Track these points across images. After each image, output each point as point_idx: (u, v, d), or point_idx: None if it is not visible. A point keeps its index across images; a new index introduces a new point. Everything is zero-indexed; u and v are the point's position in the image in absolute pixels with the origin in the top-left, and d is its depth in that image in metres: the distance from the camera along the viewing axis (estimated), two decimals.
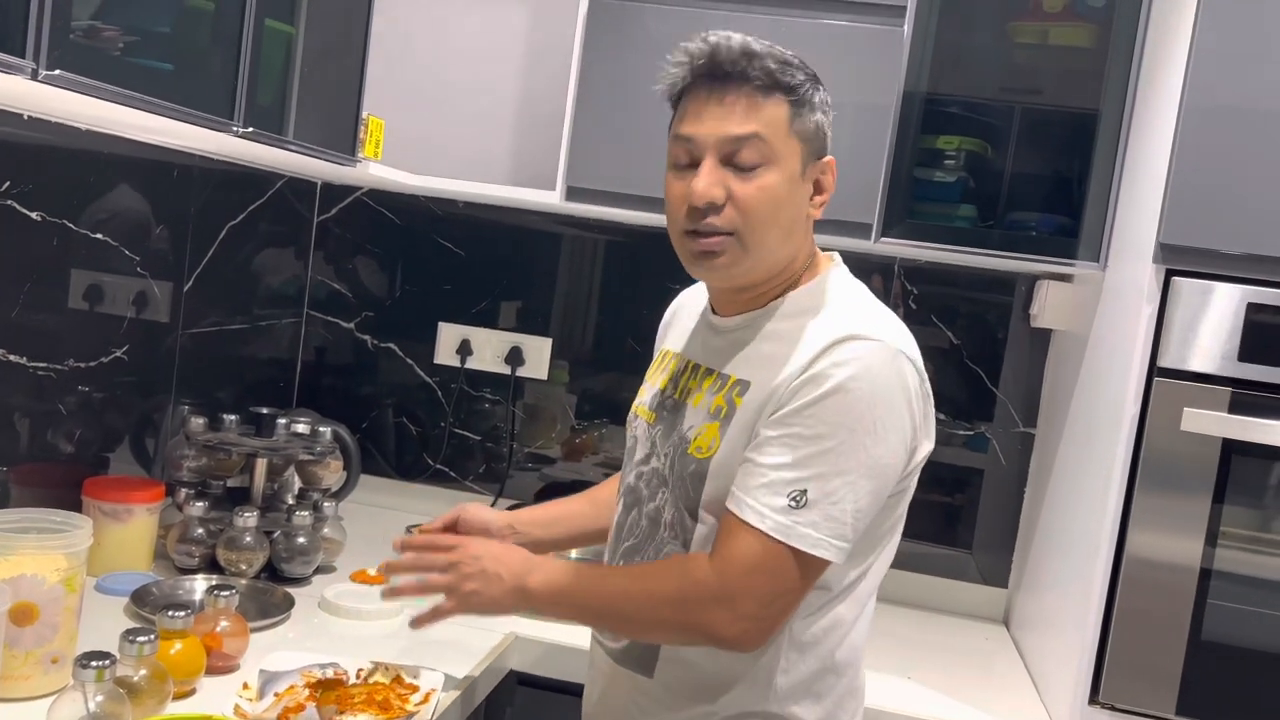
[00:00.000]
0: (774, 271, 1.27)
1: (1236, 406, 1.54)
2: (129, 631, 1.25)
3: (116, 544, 1.74)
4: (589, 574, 1.31)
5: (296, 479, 2.03)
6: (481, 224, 2.43)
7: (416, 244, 2.45)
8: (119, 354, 1.88)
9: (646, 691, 1.30)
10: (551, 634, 1.72)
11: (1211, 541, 1.56)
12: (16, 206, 1.61)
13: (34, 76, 1.16)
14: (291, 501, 1.98)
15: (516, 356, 2.41)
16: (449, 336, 2.44)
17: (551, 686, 1.73)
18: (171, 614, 1.35)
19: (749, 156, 1.20)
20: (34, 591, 1.27)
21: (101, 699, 1.14)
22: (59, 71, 1.19)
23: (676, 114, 1.26)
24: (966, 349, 2.25)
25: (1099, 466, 1.68)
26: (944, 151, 1.98)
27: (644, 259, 2.36)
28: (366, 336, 2.48)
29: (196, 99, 1.46)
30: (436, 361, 2.45)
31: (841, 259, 1.34)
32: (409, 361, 2.47)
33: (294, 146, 1.74)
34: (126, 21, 1.34)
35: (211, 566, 1.80)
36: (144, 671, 1.24)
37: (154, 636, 1.26)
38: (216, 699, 1.36)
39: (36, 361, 1.70)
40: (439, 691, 1.42)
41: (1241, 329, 1.54)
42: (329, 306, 2.49)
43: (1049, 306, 2.11)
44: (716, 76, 1.21)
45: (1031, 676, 1.91)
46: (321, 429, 2.03)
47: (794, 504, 1.15)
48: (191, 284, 2.05)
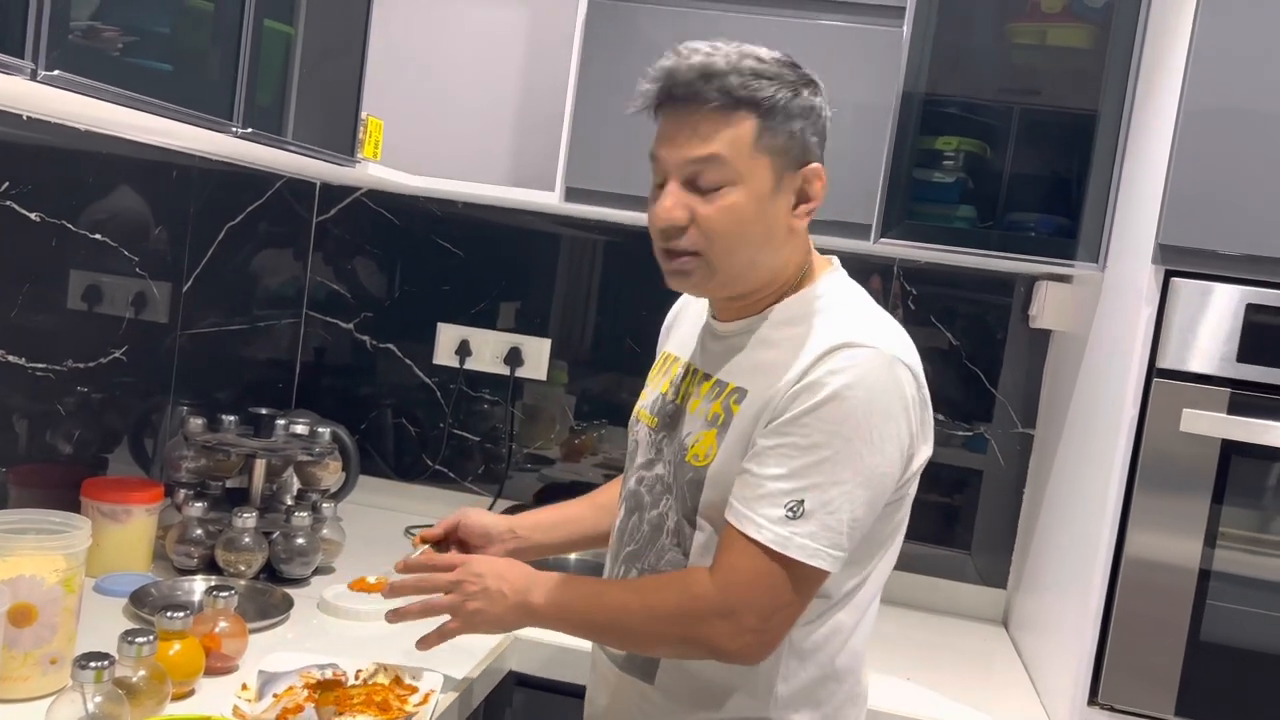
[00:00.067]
0: (760, 283, 1.26)
1: (1235, 407, 1.54)
2: (128, 632, 1.25)
3: (115, 545, 1.74)
4: (591, 589, 1.30)
5: (295, 480, 2.02)
6: (480, 224, 2.42)
7: (415, 245, 2.45)
8: (118, 354, 1.87)
9: (649, 698, 1.30)
10: (550, 636, 1.71)
11: (1210, 542, 1.56)
12: (15, 207, 1.61)
13: (33, 77, 1.16)
14: (290, 502, 1.98)
15: (515, 357, 2.40)
16: (448, 337, 2.44)
17: (550, 688, 1.73)
18: (170, 615, 1.35)
19: (711, 178, 1.19)
20: (33, 592, 1.27)
21: (100, 700, 1.13)
22: (58, 72, 1.19)
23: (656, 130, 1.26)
24: (965, 350, 2.25)
25: (1098, 467, 1.68)
26: (943, 152, 1.98)
27: (643, 260, 2.32)
28: (365, 337, 2.48)
29: (196, 99, 1.46)
30: (435, 362, 2.45)
31: (840, 262, 1.34)
32: (408, 362, 2.46)
33: (293, 147, 1.74)
34: (126, 22, 1.34)
35: (210, 567, 1.80)
36: (143, 672, 1.24)
37: (153, 637, 1.26)
38: (215, 700, 1.35)
39: (35, 362, 1.70)
40: (438, 692, 1.42)
41: (1240, 330, 1.54)
42: (328, 307, 2.49)
43: (1048, 307, 2.11)
44: (675, 98, 1.20)
45: (1030, 677, 1.91)
46: (320, 430, 2.02)
47: (791, 515, 1.14)
48: (190, 284, 2.05)
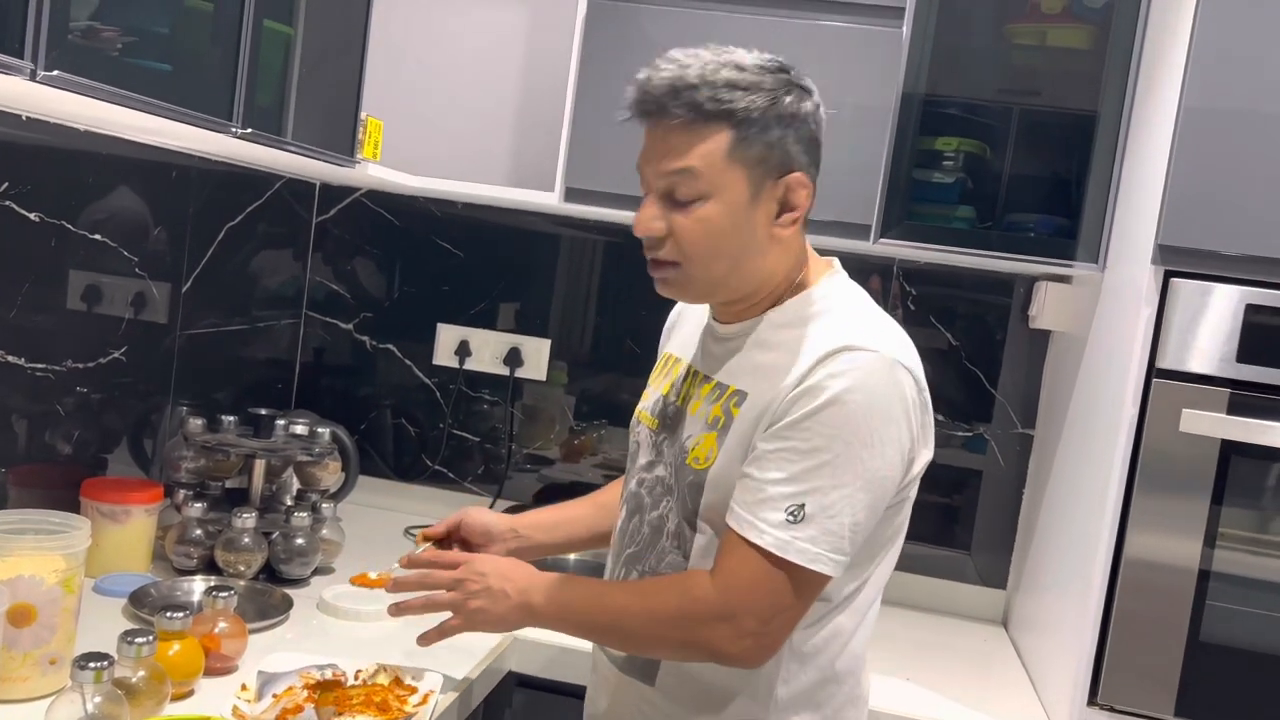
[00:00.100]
0: (747, 290, 1.26)
1: (1235, 408, 1.54)
2: (127, 633, 1.25)
3: (115, 545, 1.74)
4: (592, 590, 1.31)
5: (295, 480, 2.02)
6: (480, 225, 2.42)
7: (415, 245, 2.45)
8: (117, 355, 1.87)
9: (650, 700, 1.30)
10: (551, 636, 1.71)
11: (1210, 543, 1.56)
12: (15, 207, 1.61)
13: (32, 77, 1.16)
14: (290, 503, 1.98)
15: (515, 358, 2.40)
16: (448, 338, 2.44)
17: (550, 688, 1.73)
18: (170, 615, 1.35)
19: (685, 191, 1.20)
20: (32, 593, 1.27)
21: (99, 700, 1.13)
22: (57, 72, 1.19)
23: None
24: (965, 350, 2.25)
25: (1098, 468, 1.68)
26: (942, 153, 1.98)
27: (643, 261, 2.33)
28: (365, 337, 2.48)
29: (195, 100, 1.46)
30: (435, 362, 2.45)
31: (840, 264, 1.33)
32: (408, 362, 2.46)
33: (292, 147, 1.74)
34: (125, 22, 1.34)
35: (210, 568, 1.79)
36: (142, 673, 1.24)
37: (152, 638, 1.26)
38: (215, 700, 1.35)
39: (35, 362, 1.69)
40: (437, 693, 1.42)
41: (1240, 330, 1.54)
42: (327, 307, 2.49)
43: (1048, 308, 2.11)
44: (647, 114, 1.21)
45: (1030, 677, 1.91)
46: (320, 430, 2.02)
47: (791, 519, 1.14)
48: (190, 285, 2.05)
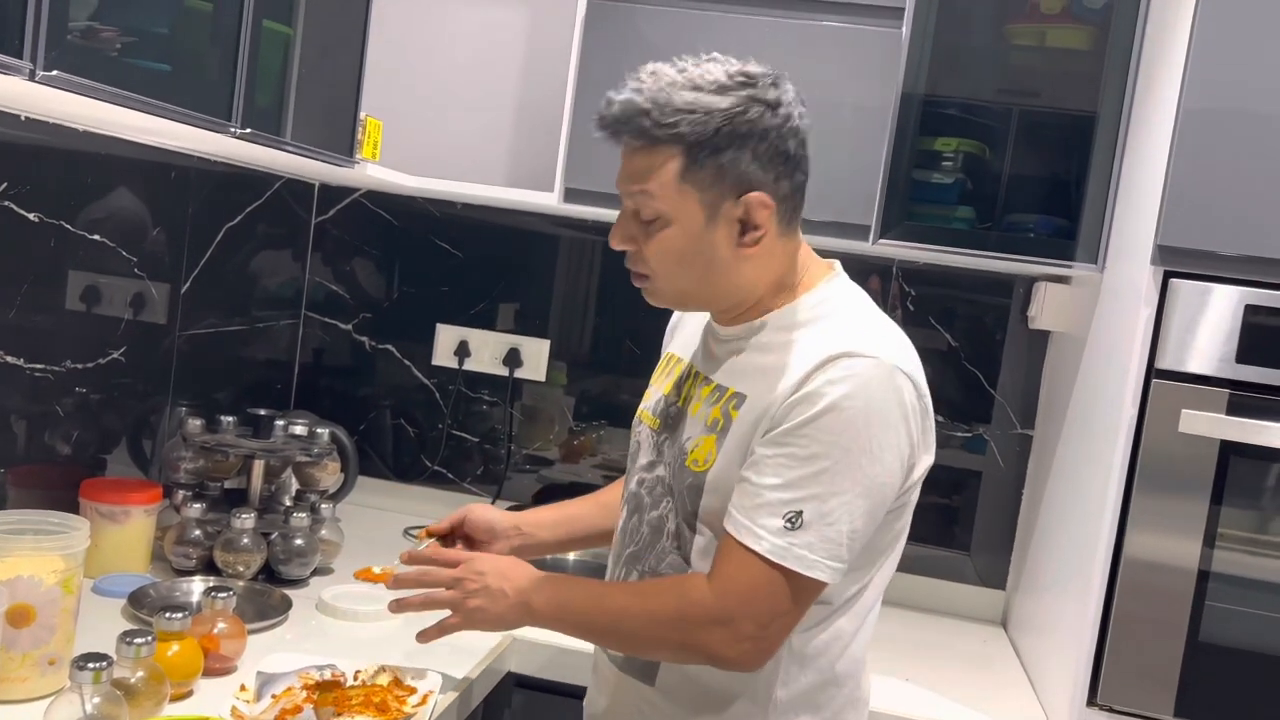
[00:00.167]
0: (729, 302, 1.27)
1: (1234, 408, 1.54)
2: (126, 633, 1.25)
3: (114, 545, 1.74)
4: (592, 591, 1.31)
5: (294, 481, 2.02)
6: (479, 225, 2.42)
7: (414, 245, 2.45)
8: (116, 355, 1.87)
9: (650, 700, 1.30)
10: (550, 636, 1.70)
11: (1209, 543, 1.56)
12: (14, 207, 1.61)
13: (31, 77, 1.16)
14: (289, 503, 1.98)
15: (514, 358, 2.40)
16: (447, 338, 2.44)
17: (549, 689, 1.72)
18: (169, 616, 1.35)
19: (646, 212, 1.22)
20: (31, 593, 1.27)
21: (98, 701, 1.13)
22: (56, 72, 1.19)
23: None
24: (964, 351, 2.25)
25: (1097, 468, 1.68)
26: (942, 153, 1.98)
27: None
28: (364, 338, 2.48)
29: (194, 100, 1.46)
30: (434, 363, 2.45)
31: (841, 266, 1.33)
32: (407, 363, 2.46)
33: (292, 148, 1.74)
34: (124, 22, 1.34)
35: (209, 568, 1.79)
36: (141, 673, 1.24)
37: (151, 638, 1.26)
38: (214, 701, 1.35)
39: (34, 363, 1.69)
40: (436, 693, 1.42)
41: (1239, 331, 1.54)
42: (327, 308, 2.49)
43: (1047, 308, 2.11)
44: (608, 135, 1.22)
45: (1029, 678, 1.91)
46: (319, 430, 2.02)
47: (790, 525, 1.14)
48: (189, 285, 2.04)
